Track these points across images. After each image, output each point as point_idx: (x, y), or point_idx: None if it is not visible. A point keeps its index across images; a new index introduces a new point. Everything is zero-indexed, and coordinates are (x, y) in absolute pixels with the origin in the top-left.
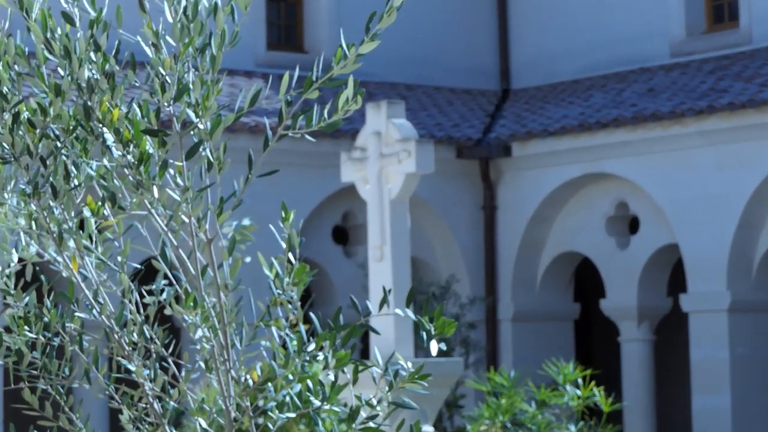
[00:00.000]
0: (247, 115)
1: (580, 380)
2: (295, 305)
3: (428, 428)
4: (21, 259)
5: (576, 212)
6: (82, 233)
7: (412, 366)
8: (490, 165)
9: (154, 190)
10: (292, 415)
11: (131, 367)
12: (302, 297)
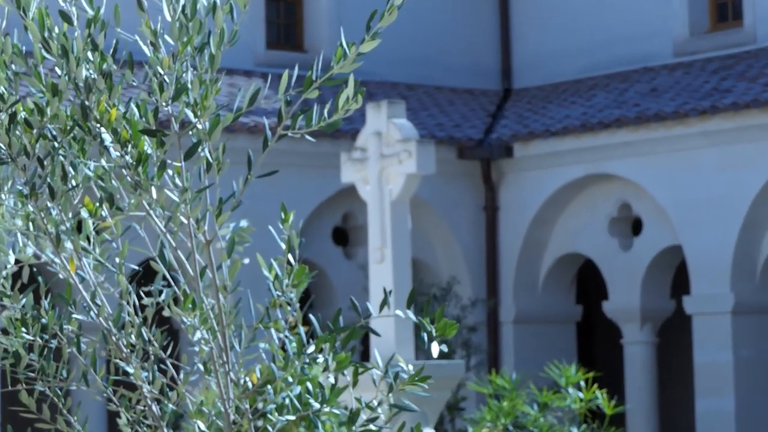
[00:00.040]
0: (246, 115)
1: (582, 383)
2: (295, 307)
3: (429, 431)
4: (18, 261)
5: (578, 213)
6: (80, 234)
7: (412, 368)
8: (492, 165)
9: (153, 190)
10: (292, 417)
11: (129, 369)
12: (302, 299)
